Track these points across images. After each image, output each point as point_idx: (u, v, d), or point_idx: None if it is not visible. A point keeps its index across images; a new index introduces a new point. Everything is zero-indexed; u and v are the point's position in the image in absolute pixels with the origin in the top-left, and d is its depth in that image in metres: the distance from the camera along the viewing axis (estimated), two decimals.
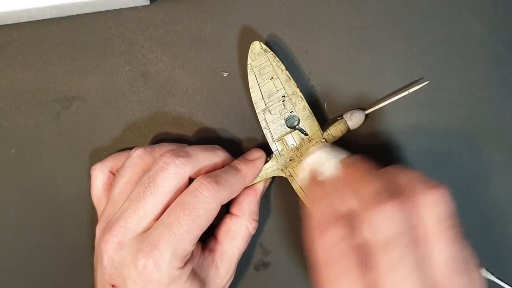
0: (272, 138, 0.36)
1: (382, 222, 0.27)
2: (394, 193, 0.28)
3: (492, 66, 0.38)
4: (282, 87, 0.35)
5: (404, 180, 0.29)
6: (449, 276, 0.27)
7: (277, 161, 0.36)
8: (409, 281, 0.26)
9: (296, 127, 0.36)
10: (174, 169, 0.31)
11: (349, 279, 0.27)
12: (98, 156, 0.38)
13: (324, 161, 0.33)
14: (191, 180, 0.32)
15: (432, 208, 0.28)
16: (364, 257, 0.27)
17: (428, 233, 0.27)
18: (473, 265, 0.28)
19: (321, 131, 0.36)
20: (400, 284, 0.26)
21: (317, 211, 0.30)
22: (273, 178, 0.38)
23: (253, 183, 0.36)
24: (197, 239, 0.31)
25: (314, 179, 0.33)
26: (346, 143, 0.38)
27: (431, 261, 0.27)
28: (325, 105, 0.38)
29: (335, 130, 0.36)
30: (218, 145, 0.36)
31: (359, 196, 0.29)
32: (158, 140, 0.39)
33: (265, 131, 0.36)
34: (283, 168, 0.36)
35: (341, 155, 0.33)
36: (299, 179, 0.35)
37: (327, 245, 0.28)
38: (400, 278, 0.26)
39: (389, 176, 0.29)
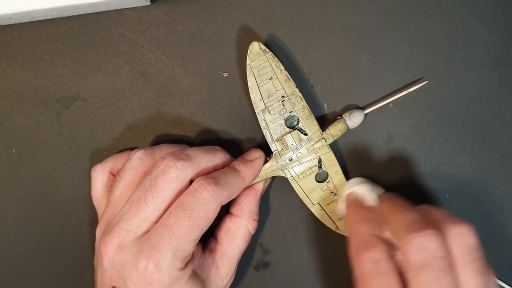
0: (272, 138, 0.36)
1: (419, 247, 0.29)
2: (427, 224, 0.30)
3: (492, 66, 0.38)
4: (281, 87, 0.35)
5: (435, 214, 0.32)
6: None
7: (277, 161, 0.36)
8: None
9: (296, 127, 0.36)
10: (175, 172, 0.31)
11: None
12: (98, 156, 0.38)
13: (365, 194, 0.35)
14: (191, 181, 0.32)
15: (460, 240, 0.30)
16: (400, 277, 0.30)
17: (456, 262, 0.30)
18: None
19: (321, 131, 0.36)
20: None
21: (359, 231, 0.33)
22: (273, 178, 0.38)
23: (253, 183, 0.36)
24: (198, 240, 0.31)
25: (356, 203, 0.35)
26: (346, 143, 0.38)
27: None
28: (325, 105, 0.38)
29: (334, 130, 0.36)
30: (218, 145, 0.36)
31: (397, 225, 0.31)
32: (158, 140, 0.39)
33: (265, 131, 0.36)
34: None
35: (379, 191, 0.36)
36: (340, 207, 0.37)
37: (367, 263, 0.31)
38: None
39: (422, 210, 0.32)
